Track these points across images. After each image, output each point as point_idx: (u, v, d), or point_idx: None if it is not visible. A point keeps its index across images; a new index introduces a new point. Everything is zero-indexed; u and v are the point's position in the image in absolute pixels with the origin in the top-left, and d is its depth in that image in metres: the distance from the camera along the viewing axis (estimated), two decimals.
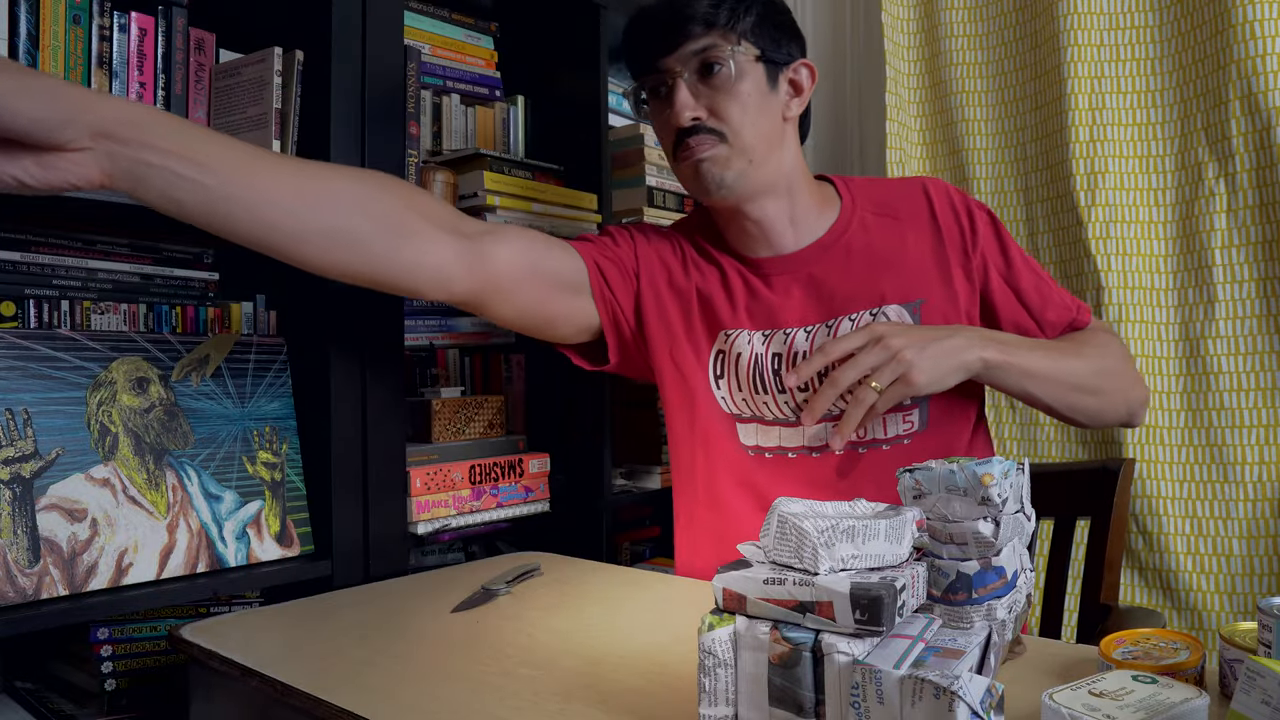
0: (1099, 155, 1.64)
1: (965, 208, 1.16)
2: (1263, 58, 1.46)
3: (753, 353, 1.14)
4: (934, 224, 1.14)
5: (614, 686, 0.79)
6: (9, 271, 1.09)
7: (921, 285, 1.12)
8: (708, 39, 1.07)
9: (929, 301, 1.11)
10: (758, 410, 1.14)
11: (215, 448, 1.16)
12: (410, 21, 1.54)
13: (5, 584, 0.95)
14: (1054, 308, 1.17)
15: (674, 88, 1.07)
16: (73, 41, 1.14)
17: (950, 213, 1.15)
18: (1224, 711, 0.61)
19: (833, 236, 1.15)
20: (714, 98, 1.07)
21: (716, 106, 1.08)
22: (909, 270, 1.13)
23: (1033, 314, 1.16)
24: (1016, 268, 1.15)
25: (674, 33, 1.07)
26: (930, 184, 1.18)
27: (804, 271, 1.15)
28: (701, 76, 1.07)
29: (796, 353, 1.12)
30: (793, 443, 1.13)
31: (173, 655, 1.12)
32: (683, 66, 1.07)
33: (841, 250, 1.14)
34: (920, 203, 1.16)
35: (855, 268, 1.13)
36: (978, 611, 0.70)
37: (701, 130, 1.08)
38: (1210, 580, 1.55)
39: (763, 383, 1.14)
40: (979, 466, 0.70)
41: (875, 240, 1.15)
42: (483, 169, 1.49)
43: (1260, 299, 1.52)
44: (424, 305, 1.60)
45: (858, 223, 1.16)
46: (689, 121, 1.07)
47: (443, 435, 1.44)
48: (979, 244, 1.14)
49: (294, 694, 0.78)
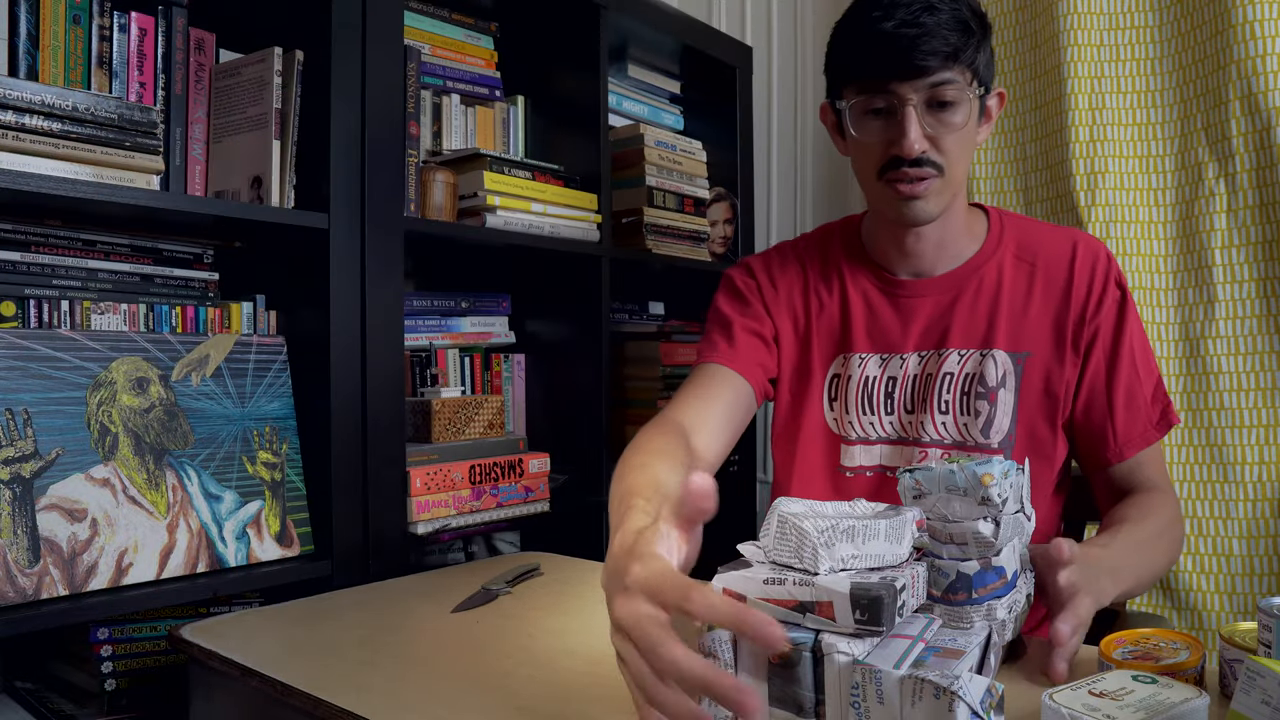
0: (1099, 155, 1.64)
1: (1105, 277, 1.11)
2: (1263, 58, 1.46)
3: (864, 375, 1.17)
4: (1068, 282, 1.12)
5: (614, 686, 0.79)
6: (9, 271, 1.09)
7: (1033, 339, 1.11)
8: (948, 73, 1.02)
9: (1035, 356, 1.10)
10: (864, 430, 1.16)
11: (215, 448, 1.16)
12: (410, 21, 1.54)
13: (5, 584, 0.95)
14: (1132, 418, 1.09)
15: (904, 115, 1.03)
16: (73, 41, 1.14)
17: (1087, 277, 1.12)
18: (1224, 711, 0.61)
19: (969, 270, 1.15)
20: (939, 130, 1.04)
21: (940, 140, 1.05)
22: (1028, 321, 1.12)
23: (1113, 410, 1.09)
24: (1121, 358, 1.10)
25: (916, 60, 1.01)
26: (1082, 242, 1.14)
27: (931, 299, 1.15)
28: (930, 107, 1.04)
29: (907, 376, 1.14)
30: (893, 462, 1.15)
31: (173, 655, 1.12)
32: (916, 95, 1.03)
33: (974, 285, 1.14)
34: (1063, 257, 1.13)
35: (979, 305, 1.13)
36: (978, 611, 0.70)
37: (925, 163, 1.05)
38: (1210, 580, 1.55)
39: (870, 403, 1.16)
40: (979, 466, 0.70)
41: (1006, 283, 1.13)
42: (483, 169, 1.49)
43: (1260, 299, 1.52)
44: (424, 305, 1.60)
45: (995, 261, 1.15)
46: (919, 153, 1.04)
47: (443, 435, 1.44)
48: (1099, 317, 1.10)
49: (294, 694, 0.78)
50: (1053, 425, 1.10)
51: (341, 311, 1.24)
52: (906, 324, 1.16)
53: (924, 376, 1.13)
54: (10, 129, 0.99)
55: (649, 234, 1.78)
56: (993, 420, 1.09)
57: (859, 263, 1.20)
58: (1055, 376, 1.10)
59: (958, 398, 1.11)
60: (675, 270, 1.88)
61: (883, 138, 1.06)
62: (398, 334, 1.31)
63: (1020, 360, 1.11)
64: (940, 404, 1.11)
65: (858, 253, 1.21)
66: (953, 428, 1.10)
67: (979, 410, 1.09)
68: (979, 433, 1.09)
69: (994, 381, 1.09)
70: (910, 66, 1.02)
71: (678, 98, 2.06)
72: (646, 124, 1.88)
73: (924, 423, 1.11)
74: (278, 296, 1.30)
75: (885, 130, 1.05)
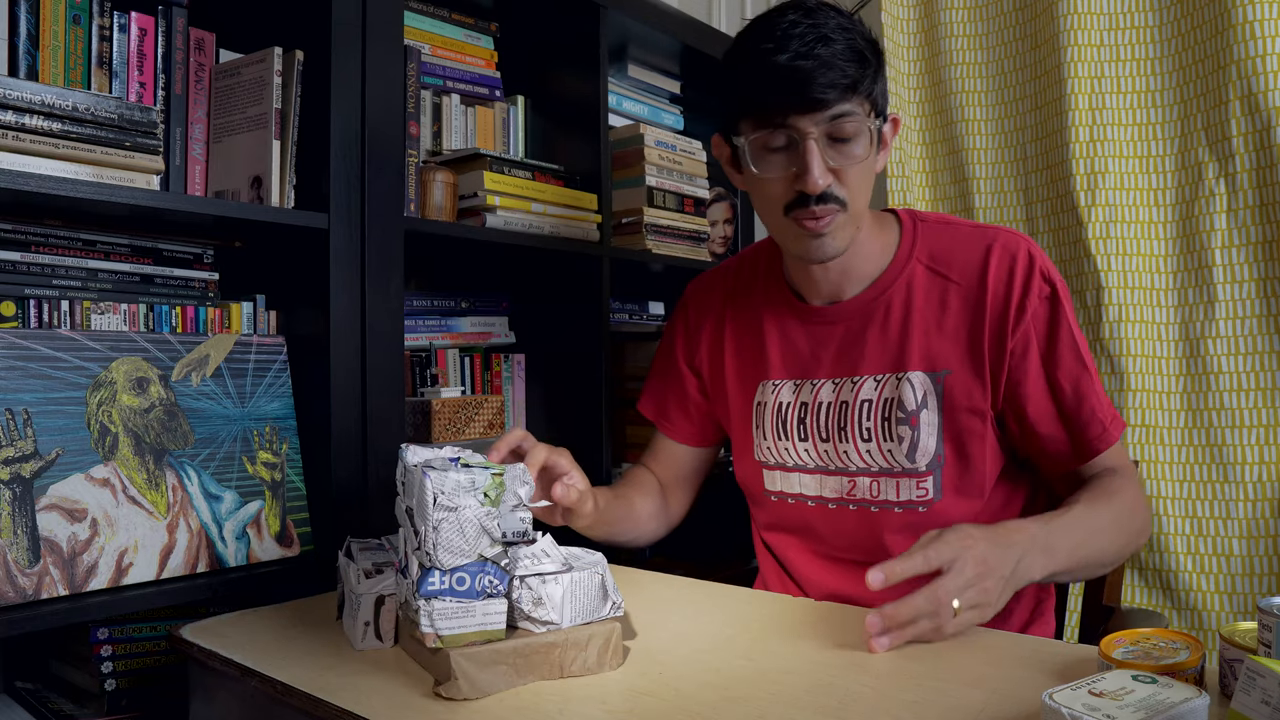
0: (1099, 155, 1.64)
1: (1025, 280, 1.06)
2: (1263, 58, 1.46)
3: (778, 401, 1.18)
4: (980, 290, 1.07)
5: (614, 686, 0.79)
6: (9, 271, 1.09)
7: (950, 356, 1.08)
8: (847, 105, 1.00)
9: (953, 374, 1.08)
10: (780, 457, 1.18)
11: (215, 448, 1.16)
12: (410, 21, 1.54)
13: (5, 584, 0.95)
14: (1084, 411, 1.06)
15: (806, 149, 1.00)
16: (73, 41, 1.14)
17: (1004, 281, 1.07)
18: (1224, 711, 0.61)
19: (876, 291, 1.13)
20: (841, 164, 1.02)
21: (843, 173, 1.02)
22: (943, 338, 1.09)
23: (1063, 408, 1.06)
24: (1060, 356, 1.06)
25: (814, 93, 0.99)
26: (998, 245, 1.09)
27: (841, 326, 1.14)
28: (831, 140, 1.02)
29: (820, 404, 1.14)
30: (811, 491, 1.16)
31: (173, 655, 1.12)
32: (816, 128, 1.00)
33: (882, 308, 1.12)
34: (976, 263, 1.09)
35: (890, 328, 1.11)
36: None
37: (829, 199, 1.03)
38: (1210, 580, 1.55)
39: (785, 429, 1.16)
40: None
41: (917, 300, 1.10)
42: (483, 169, 1.49)
43: (1260, 299, 1.52)
44: (424, 305, 1.60)
45: (905, 277, 1.12)
46: (823, 188, 1.02)
47: (443, 435, 1.44)
48: (1024, 320, 1.06)
49: (294, 694, 0.78)
50: (984, 439, 1.08)
51: (341, 311, 1.24)
52: (818, 350, 1.16)
53: (838, 404, 1.13)
54: (10, 129, 0.99)
55: (649, 234, 1.78)
56: (917, 444, 1.08)
57: (776, 289, 1.21)
58: (976, 392, 1.07)
59: (878, 424, 1.10)
60: (675, 270, 1.88)
61: (784, 174, 1.03)
62: (398, 334, 1.31)
63: (939, 379, 1.08)
64: (862, 431, 1.11)
65: (777, 277, 1.22)
66: (878, 454, 1.10)
67: (901, 436, 1.08)
68: (904, 457, 1.08)
69: (913, 405, 1.08)
70: (809, 100, 0.99)
71: (678, 98, 2.06)
72: (646, 124, 1.87)
73: (848, 451, 1.12)
74: (278, 296, 1.30)
75: (786, 165, 1.03)
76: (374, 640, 0.88)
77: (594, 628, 0.83)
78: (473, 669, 0.76)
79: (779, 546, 1.23)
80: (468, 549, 0.78)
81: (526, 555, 0.84)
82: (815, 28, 0.99)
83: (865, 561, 1.10)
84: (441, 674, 0.77)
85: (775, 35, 1.00)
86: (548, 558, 0.85)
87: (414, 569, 0.80)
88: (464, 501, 0.78)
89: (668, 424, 1.33)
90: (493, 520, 0.79)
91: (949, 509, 1.09)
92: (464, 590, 0.78)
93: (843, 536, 1.14)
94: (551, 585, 0.82)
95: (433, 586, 0.78)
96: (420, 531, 0.78)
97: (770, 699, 0.74)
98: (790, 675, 0.80)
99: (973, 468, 1.08)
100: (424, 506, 0.77)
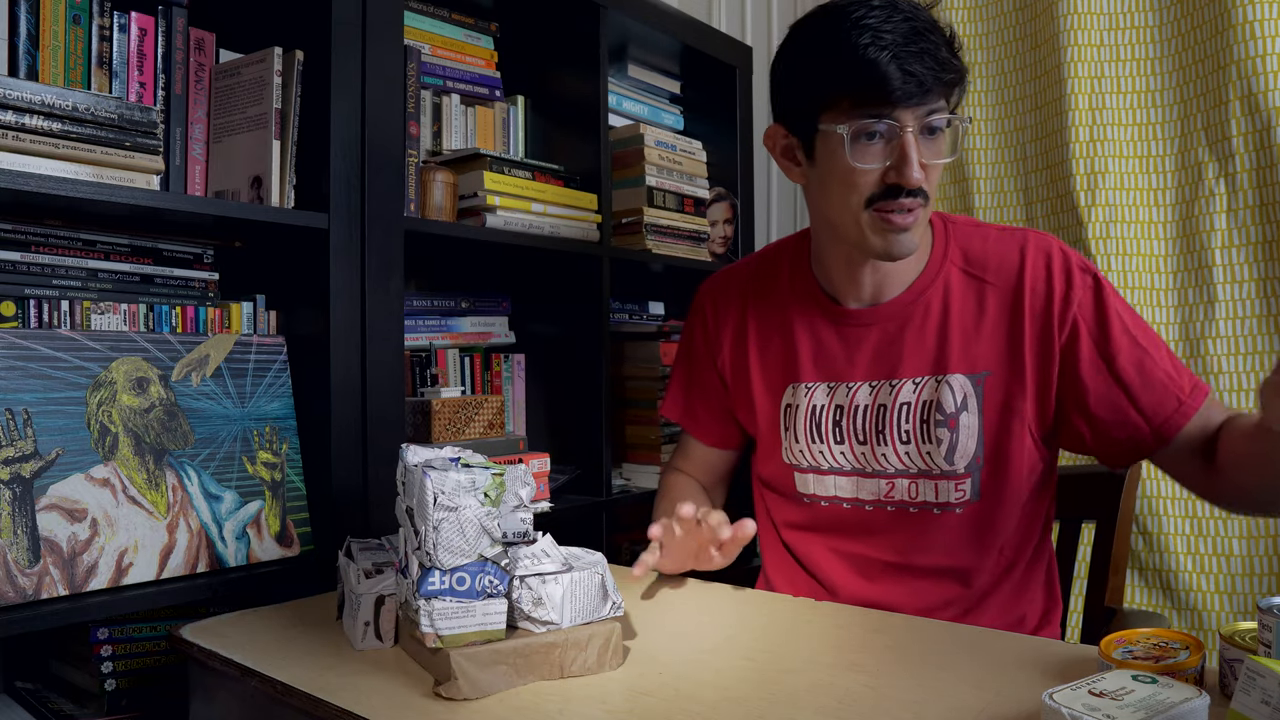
0: (1099, 155, 1.64)
1: (1065, 273, 1.07)
2: (1263, 58, 1.46)
3: (812, 404, 1.16)
4: (1018, 290, 1.08)
5: (614, 686, 0.79)
6: (9, 271, 1.09)
7: (989, 358, 1.08)
8: (942, 100, 1.02)
9: (993, 375, 1.08)
10: (814, 460, 1.17)
11: (215, 448, 1.16)
12: (410, 21, 1.54)
13: (5, 584, 0.95)
14: (1155, 388, 1.04)
15: (905, 142, 1.00)
16: (73, 41, 1.14)
17: (1043, 279, 1.07)
18: (1224, 711, 0.61)
19: (913, 294, 1.12)
20: (930, 159, 1.03)
21: (928, 168, 1.03)
22: (982, 339, 1.09)
23: (1129, 393, 1.04)
24: (1115, 339, 1.05)
25: (922, 88, 0.99)
26: (1031, 244, 1.10)
27: (877, 328, 1.14)
28: (923, 135, 1.02)
29: (856, 406, 1.13)
30: (847, 494, 1.15)
31: (173, 655, 1.12)
32: (916, 122, 1.01)
33: (920, 310, 1.12)
34: (1012, 264, 1.09)
35: (927, 330, 1.11)
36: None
37: (919, 193, 1.03)
38: (1210, 580, 1.55)
39: (820, 433, 1.15)
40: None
41: (955, 303, 1.11)
42: (483, 169, 1.49)
43: (1260, 299, 1.52)
44: (424, 305, 1.60)
45: (942, 280, 1.12)
46: (919, 183, 1.01)
47: (443, 435, 1.44)
48: (1071, 312, 1.06)
49: (294, 694, 0.78)
50: (1021, 440, 1.07)
51: (341, 311, 1.24)
52: (853, 353, 1.15)
53: (876, 407, 1.12)
54: (10, 129, 0.99)
55: (649, 234, 1.78)
56: (956, 446, 1.07)
57: (804, 289, 1.19)
58: (1016, 394, 1.07)
59: (917, 426, 1.09)
60: (675, 270, 1.88)
61: (880, 165, 1.02)
62: (398, 334, 1.31)
63: (979, 381, 1.08)
64: (900, 434, 1.10)
65: (805, 277, 1.20)
66: (916, 456, 1.09)
67: (940, 438, 1.08)
68: (943, 460, 1.08)
69: (953, 407, 1.08)
70: (919, 92, 0.99)
71: (678, 98, 2.06)
72: (646, 124, 1.87)
73: (885, 454, 1.11)
74: (278, 296, 1.30)
75: (882, 157, 1.02)
76: (374, 640, 0.88)
77: (594, 628, 0.83)
78: (473, 669, 0.76)
79: (802, 546, 1.21)
80: (468, 549, 0.78)
81: (526, 555, 0.84)
82: (909, 20, 0.99)
83: (897, 564, 1.11)
84: (441, 674, 0.77)
85: (866, 27, 0.99)
86: (548, 558, 0.85)
87: (414, 569, 0.80)
88: (464, 501, 0.78)
89: (697, 426, 1.31)
90: (493, 520, 0.79)
91: (986, 510, 1.09)
92: (464, 590, 0.78)
93: (879, 538, 1.13)
94: (551, 585, 0.82)
95: (433, 586, 0.78)
96: (420, 531, 0.78)
97: (770, 699, 0.74)
98: (790, 675, 0.80)
99: (1010, 469, 1.08)
100: (424, 506, 0.77)
